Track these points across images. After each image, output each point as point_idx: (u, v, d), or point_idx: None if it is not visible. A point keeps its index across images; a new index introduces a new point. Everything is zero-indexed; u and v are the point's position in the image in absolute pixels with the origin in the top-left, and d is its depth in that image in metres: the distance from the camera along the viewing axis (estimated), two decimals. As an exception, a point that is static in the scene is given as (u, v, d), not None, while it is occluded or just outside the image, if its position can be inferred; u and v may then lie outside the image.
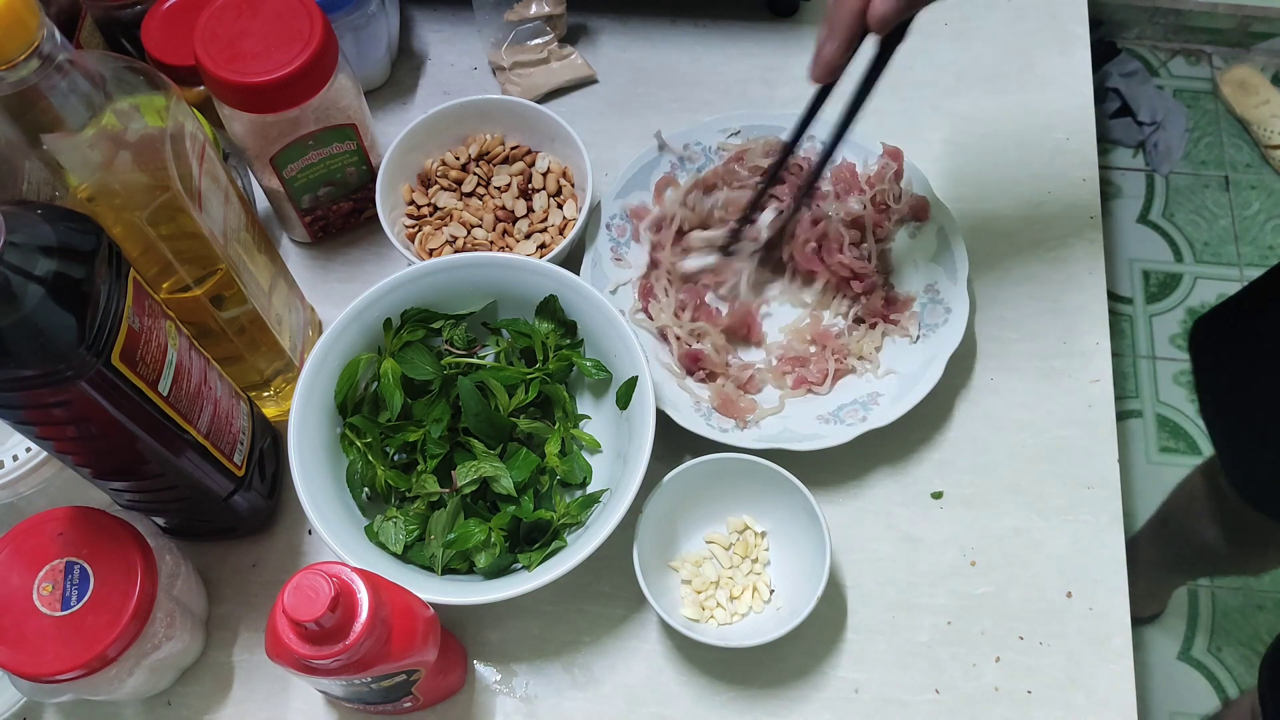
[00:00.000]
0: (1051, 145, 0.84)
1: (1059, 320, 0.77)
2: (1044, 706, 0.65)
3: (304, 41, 0.65)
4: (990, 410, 0.74)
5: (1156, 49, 2.03)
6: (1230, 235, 1.84)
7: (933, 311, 0.74)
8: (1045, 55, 0.89)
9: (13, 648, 0.55)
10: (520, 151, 0.79)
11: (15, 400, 0.48)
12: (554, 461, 0.68)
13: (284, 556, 0.70)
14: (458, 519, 0.65)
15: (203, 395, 0.58)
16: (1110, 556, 0.69)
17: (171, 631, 0.61)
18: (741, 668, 0.66)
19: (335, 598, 0.46)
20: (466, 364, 0.69)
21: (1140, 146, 1.92)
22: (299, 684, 0.66)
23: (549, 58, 0.87)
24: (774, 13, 0.91)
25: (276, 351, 0.68)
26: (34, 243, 0.45)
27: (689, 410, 0.70)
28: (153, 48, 0.73)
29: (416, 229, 0.77)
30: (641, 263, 0.77)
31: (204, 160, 0.57)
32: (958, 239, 0.74)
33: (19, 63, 0.45)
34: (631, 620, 0.68)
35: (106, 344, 0.48)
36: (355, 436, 0.67)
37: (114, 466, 0.58)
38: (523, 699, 0.66)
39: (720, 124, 0.80)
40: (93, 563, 0.57)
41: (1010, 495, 0.71)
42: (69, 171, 0.51)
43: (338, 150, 0.73)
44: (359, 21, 0.80)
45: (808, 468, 0.67)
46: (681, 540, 0.69)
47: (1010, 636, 0.67)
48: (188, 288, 0.59)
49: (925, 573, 0.69)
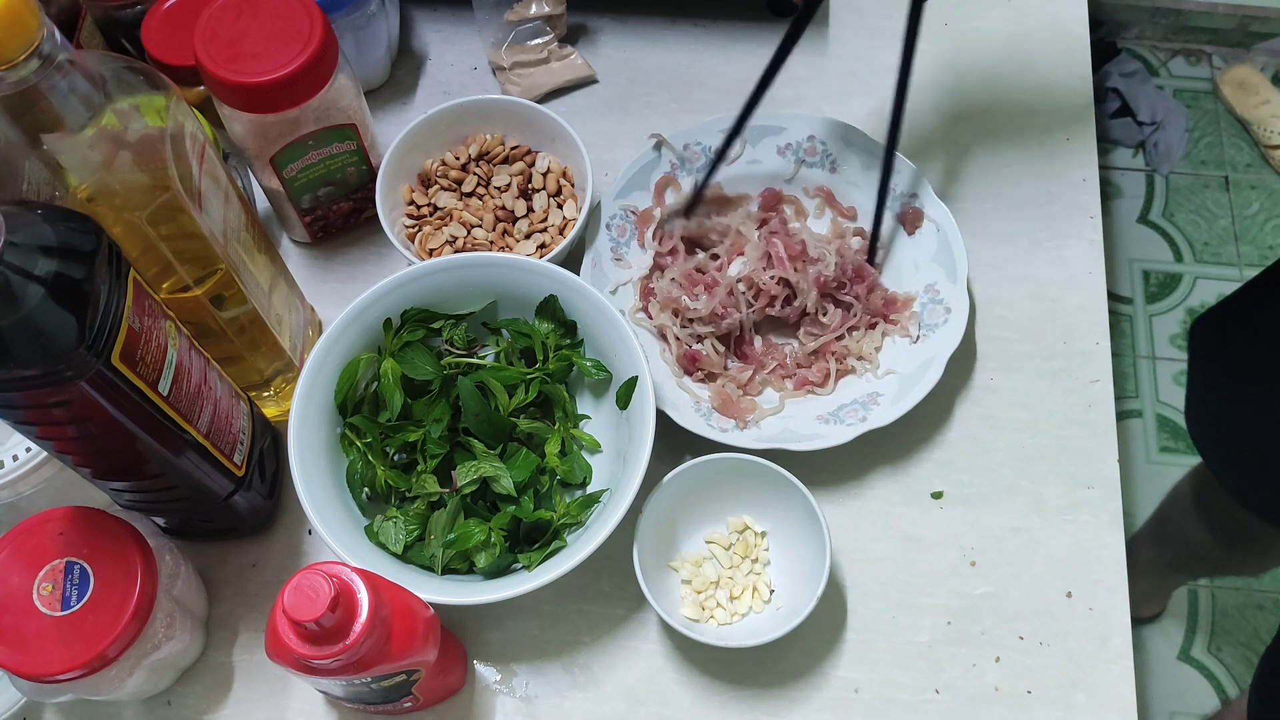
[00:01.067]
0: (1051, 145, 0.84)
1: (1059, 320, 0.77)
2: (1044, 706, 0.65)
3: (304, 41, 0.65)
4: (990, 410, 0.74)
5: (1156, 49, 2.03)
6: (1230, 235, 1.84)
7: (932, 312, 0.74)
8: (1045, 55, 0.89)
9: (13, 648, 0.55)
10: (520, 151, 0.79)
11: (15, 400, 0.48)
12: (554, 461, 0.68)
13: (284, 556, 0.70)
14: (458, 519, 0.65)
15: (203, 395, 0.58)
16: (1110, 556, 0.69)
17: (171, 631, 0.61)
18: (741, 668, 0.66)
19: (335, 598, 0.46)
20: (466, 364, 0.69)
21: (1140, 146, 1.92)
22: (299, 684, 0.66)
23: (549, 58, 0.87)
24: (774, 13, 0.91)
25: (276, 351, 0.68)
26: (34, 243, 0.45)
27: (689, 410, 0.70)
28: (153, 48, 0.73)
29: (416, 229, 0.77)
30: (642, 263, 0.77)
31: (204, 160, 0.57)
32: (957, 239, 0.74)
33: (19, 63, 0.45)
34: (631, 620, 0.68)
35: (106, 344, 0.48)
36: (355, 436, 0.67)
37: (114, 466, 0.58)
38: (523, 699, 0.66)
39: (720, 124, 0.80)
40: (93, 563, 0.57)
41: (1010, 495, 0.71)
42: (69, 171, 0.51)
43: (338, 150, 0.73)
44: (359, 21, 0.80)
45: (808, 468, 0.67)
46: (681, 540, 0.69)
47: (1010, 636, 0.67)
48: (188, 288, 0.59)
49: (925, 573, 0.69)
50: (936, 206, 0.76)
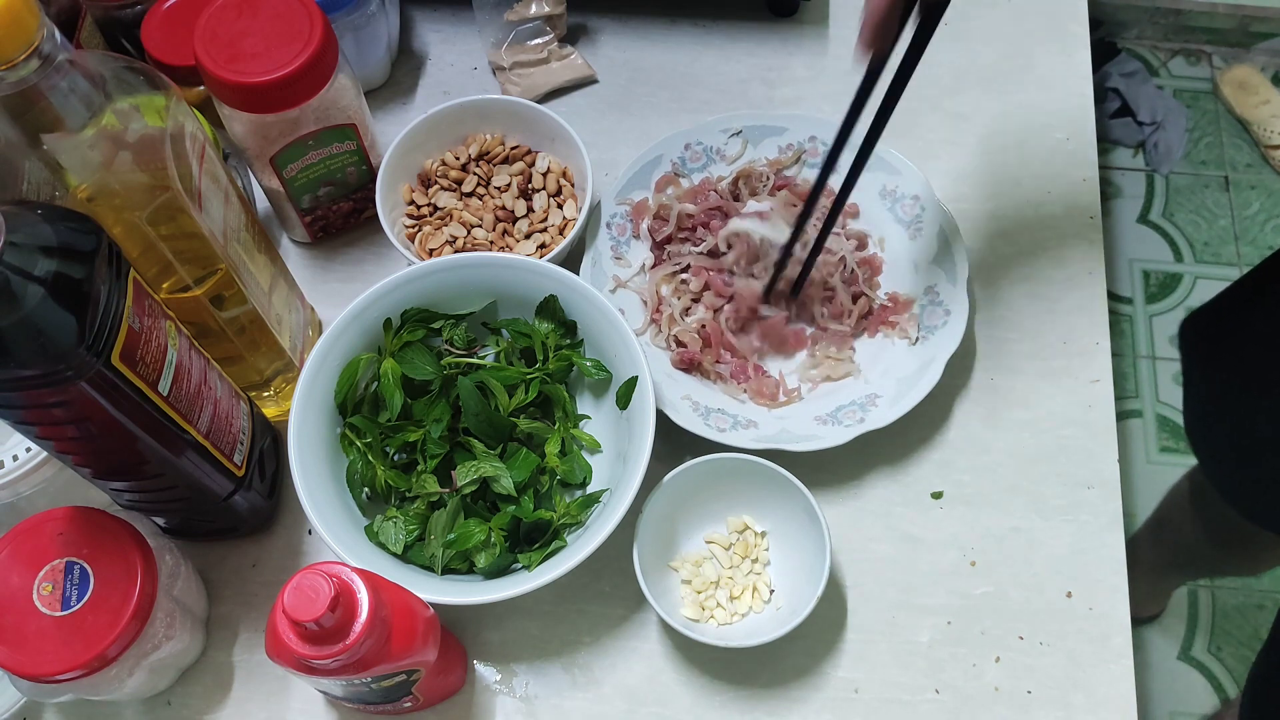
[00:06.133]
0: (1051, 145, 0.84)
1: (1059, 320, 0.77)
2: (1044, 706, 0.65)
3: (304, 41, 0.65)
4: (990, 410, 0.74)
5: (1156, 49, 2.03)
6: (1230, 235, 1.84)
7: (932, 314, 0.74)
8: (1045, 55, 0.89)
9: (13, 648, 0.55)
10: (520, 151, 0.79)
11: (15, 400, 0.48)
12: (554, 461, 0.68)
13: (284, 556, 0.70)
14: (458, 519, 0.65)
15: (203, 395, 0.58)
16: (1110, 556, 0.69)
17: (171, 631, 0.61)
18: (741, 668, 0.66)
19: (335, 598, 0.46)
20: (466, 364, 0.69)
21: (1140, 146, 1.92)
22: (299, 684, 0.66)
23: (549, 58, 0.87)
24: (774, 13, 0.91)
25: (276, 351, 0.68)
26: (34, 243, 0.45)
27: (687, 410, 0.70)
28: (153, 48, 0.73)
29: (416, 229, 0.77)
30: (642, 261, 0.77)
31: (204, 160, 0.57)
32: (958, 241, 0.74)
33: (19, 63, 0.45)
34: (631, 620, 0.68)
35: (106, 344, 0.48)
36: (355, 436, 0.67)
37: (114, 466, 0.58)
38: (523, 699, 0.66)
39: (721, 124, 0.80)
40: (93, 563, 0.57)
41: (1010, 495, 0.71)
42: (69, 171, 0.51)
43: (338, 150, 0.73)
44: (359, 21, 0.80)
45: (808, 468, 0.67)
46: (681, 540, 0.69)
47: (1010, 636, 0.67)
48: (188, 288, 0.59)
49: (925, 573, 0.69)
50: (937, 208, 0.76)
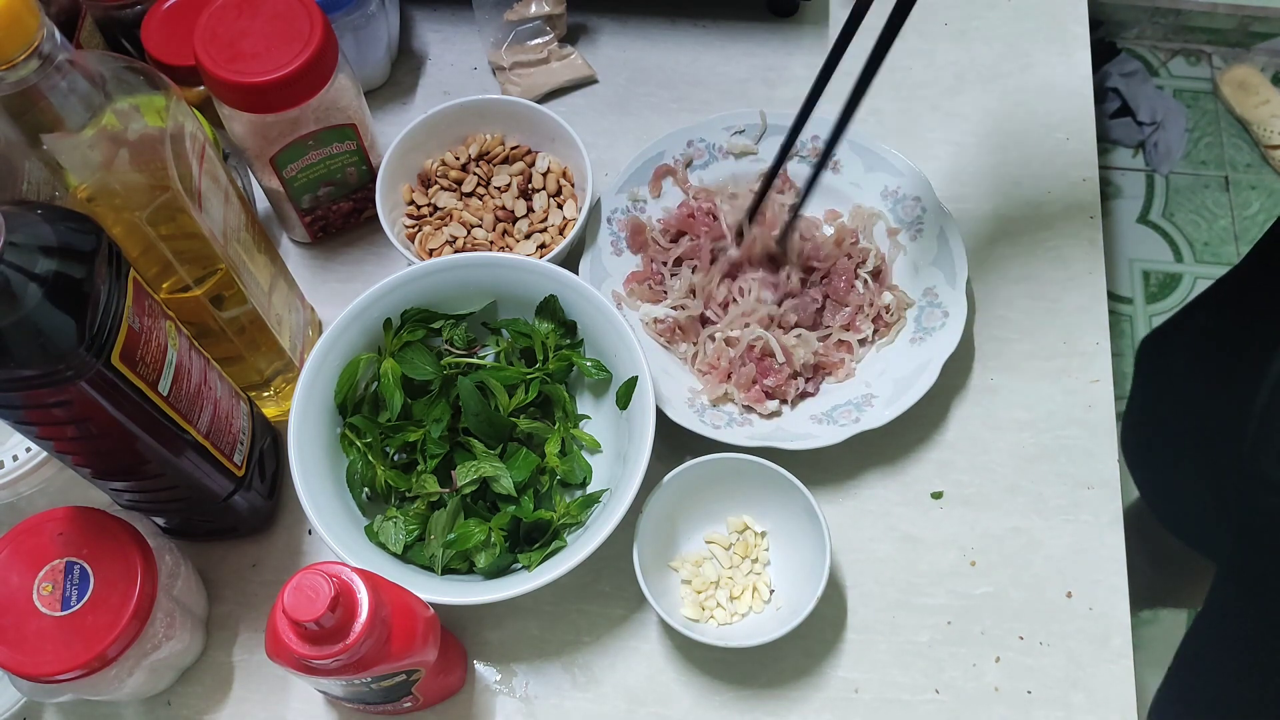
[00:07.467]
0: (1051, 145, 0.84)
1: (1059, 320, 0.77)
2: (1044, 706, 0.65)
3: (304, 41, 0.65)
4: (990, 410, 0.74)
5: (1156, 49, 2.03)
6: (1230, 235, 1.84)
7: (930, 315, 0.73)
8: (1045, 55, 0.89)
9: (13, 648, 0.55)
10: (520, 151, 0.79)
11: (15, 400, 0.48)
12: (554, 461, 0.68)
13: (284, 556, 0.70)
14: (458, 519, 0.65)
15: (203, 395, 0.58)
16: (1110, 556, 0.69)
17: (171, 631, 0.61)
18: (741, 668, 0.66)
19: (335, 598, 0.46)
20: (466, 364, 0.69)
21: (1140, 146, 1.92)
22: (299, 684, 0.66)
23: (549, 58, 0.87)
24: (774, 13, 0.91)
25: (276, 351, 0.68)
26: (34, 243, 0.45)
27: (682, 405, 0.70)
28: (153, 48, 0.73)
29: (416, 229, 0.77)
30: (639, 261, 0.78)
31: (204, 160, 0.57)
32: (957, 242, 0.74)
33: (19, 63, 0.45)
34: (631, 620, 0.68)
35: (106, 344, 0.48)
36: (355, 436, 0.67)
37: (114, 466, 0.58)
38: (523, 699, 0.66)
39: (724, 121, 0.80)
40: (93, 563, 0.57)
41: (1010, 495, 0.71)
42: (69, 171, 0.51)
43: (338, 150, 0.73)
44: (359, 21, 0.80)
45: (807, 468, 0.67)
46: (681, 540, 0.69)
47: (1010, 636, 0.67)
48: (188, 288, 0.59)
49: (925, 573, 0.69)
50: (937, 209, 0.76)
